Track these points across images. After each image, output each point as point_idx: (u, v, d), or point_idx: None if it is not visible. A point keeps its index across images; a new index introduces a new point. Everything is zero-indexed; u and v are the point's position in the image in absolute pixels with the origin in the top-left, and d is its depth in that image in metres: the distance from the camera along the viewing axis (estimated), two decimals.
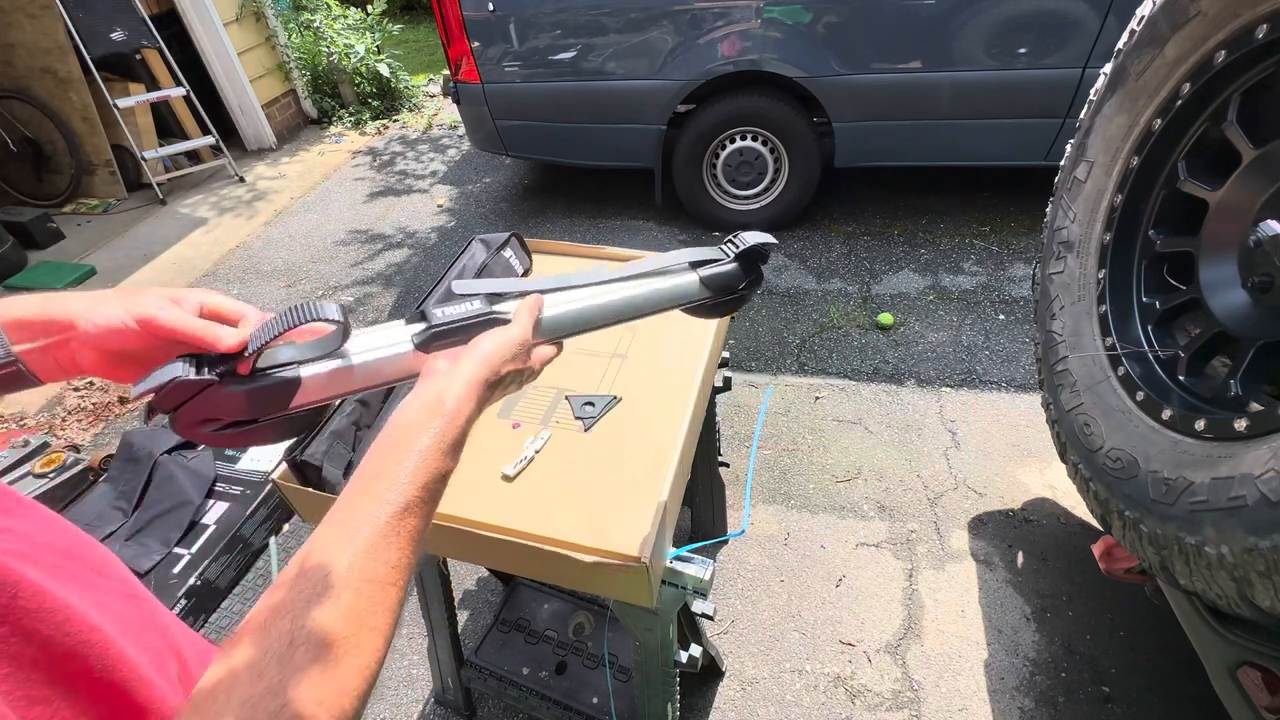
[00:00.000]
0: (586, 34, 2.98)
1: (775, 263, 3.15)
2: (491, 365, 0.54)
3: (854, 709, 1.57)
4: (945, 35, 2.66)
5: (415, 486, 0.46)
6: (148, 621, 0.45)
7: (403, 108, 5.41)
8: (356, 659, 0.39)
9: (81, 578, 0.41)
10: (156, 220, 4.15)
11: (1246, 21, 1.01)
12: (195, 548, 1.93)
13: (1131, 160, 1.28)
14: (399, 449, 0.48)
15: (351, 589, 0.41)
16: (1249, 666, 1.06)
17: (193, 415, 0.49)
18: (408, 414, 0.50)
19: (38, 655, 0.34)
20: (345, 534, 0.43)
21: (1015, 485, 2.04)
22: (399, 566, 0.44)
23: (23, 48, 3.92)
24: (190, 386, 0.47)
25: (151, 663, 0.42)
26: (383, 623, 0.42)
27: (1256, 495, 0.83)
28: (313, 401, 0.54)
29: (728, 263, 0.73)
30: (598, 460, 1.07)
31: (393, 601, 0.43)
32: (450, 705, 1.62)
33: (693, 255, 0.73)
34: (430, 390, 0.52)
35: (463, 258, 1.41)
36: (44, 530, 0.42)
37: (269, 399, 0.51)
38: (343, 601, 0.40)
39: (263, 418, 0.52)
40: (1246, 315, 1.06)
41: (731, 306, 0.76)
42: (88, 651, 0.37)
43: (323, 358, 0.53)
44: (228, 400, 0.49)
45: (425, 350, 0.57)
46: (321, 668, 0.37)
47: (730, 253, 0.74)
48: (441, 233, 3.71)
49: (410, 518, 0.45)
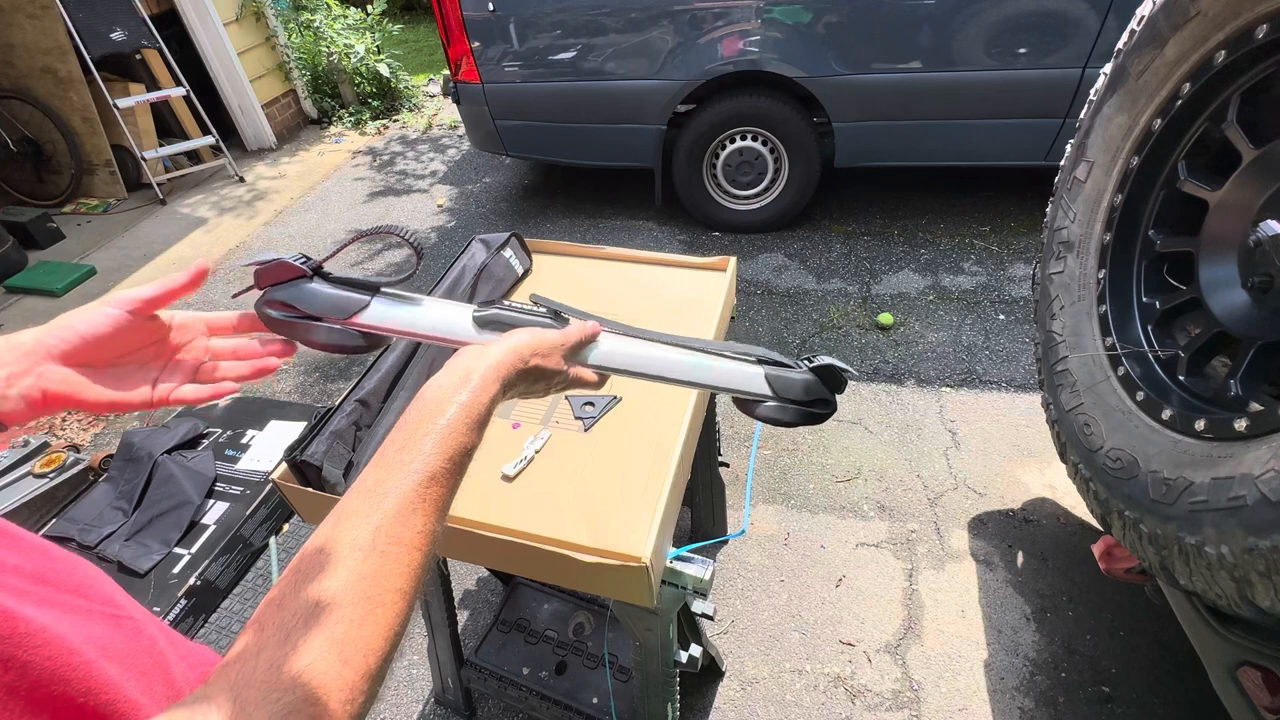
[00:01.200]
0: (586, 34, 2.98)
1: (775, 263, 3.15)
2: (520, 353, 0.56)
3: (854, 709, 1.57)
4: (945, 35, 2.66)
5: (440, 458, 0.47)
6: (131, 639, 0.45)
7: (403, 108, 5.41)
8: (381, 619, 0.40)
9: (56, 601, 0.41)
10: (156, 220, 4.15)
11: (1246, 21, 1.01)
12: (195, 548, 1.93)
13: (1131, 160, 1.28)
14: (425, 421, 0.49)
15: (378, 552, 0.42)
16: (1249, 666, 1.06)
17: (279, 296, 0.56)
18: (434, 389, 0.52)
19: (15, 682, 0.33)
20: (372, 501, 0.44)
21: (1015, 485, 2.04)
22: (424, 532, 0.45)
23: (23, 48, 3.92)
24: (288, 269, 0.56)
25: (137, 683, 0.41)
26: (407, 584, 0.43)
27: (1256, 495, 0.83)
28: (370, 327, 0.59)
29: (800, 372, 0.73)
30: (598, 460, 1.06)
31: (417, 565, 0.44)
32: (450, 705, 1.62)
33: (763, 353, 0.73)
34: (459, 366, 0.54)
35: (463, 258, 1.41)
36: (14, 553, 0.41)
37: (338, 304, 0.58)
38: (368, 564, 0.41)
39: (326, 318, 0.58)
40: (1246, 315, 1.06)
41: (801, 419, 0.73)
42: (69, 675, 0.36)
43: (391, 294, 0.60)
44: (311, 294, 0.57)
45: (480, 327, 0.62)
46: (346, 627, 0.38)
47: (803, 366, 0.74)
48: (441, 233, 3.71)
49: (435, 487, 0.46)
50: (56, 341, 0.49)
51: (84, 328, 0.50)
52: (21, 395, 0.47)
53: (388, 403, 1.17)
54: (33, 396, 0.48)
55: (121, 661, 0.41)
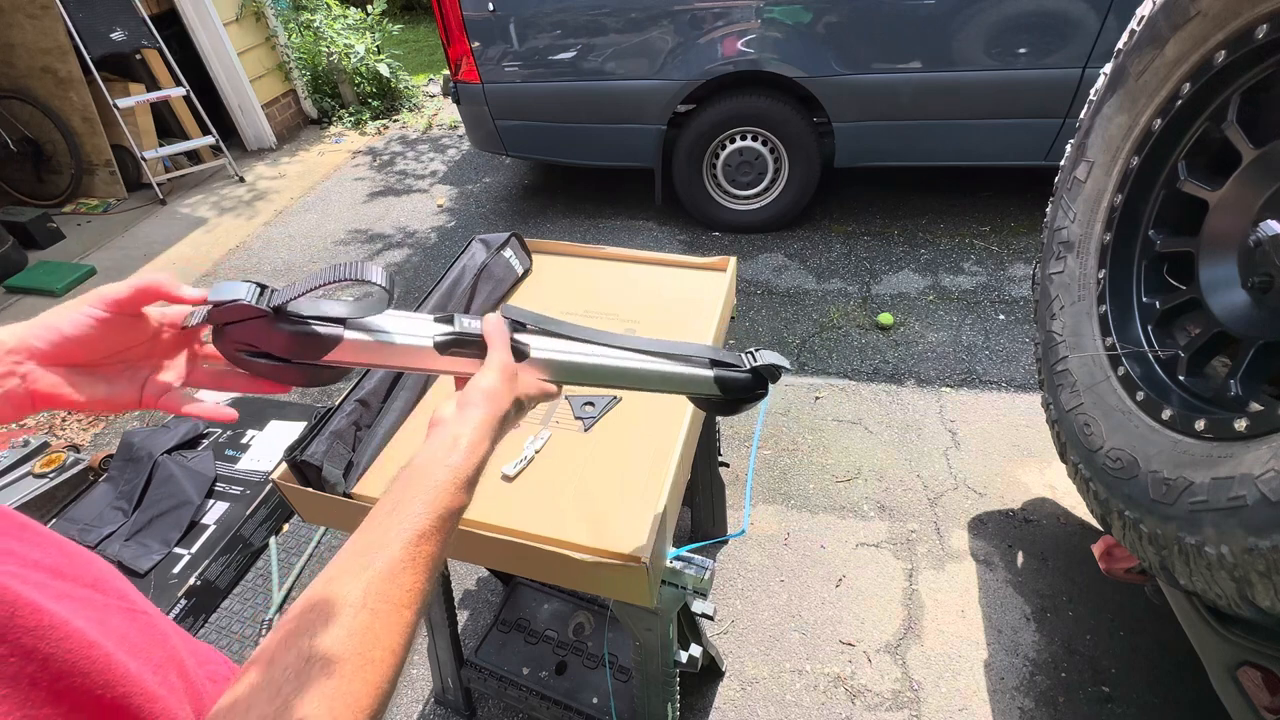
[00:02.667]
0: (586, 34, 2.98)
1: (775, 263, 3.15)
2: (497, 402, 0.57)
3: (854, 709, 1.57)
4: (945, 35, 2.66)
5: (430, 517, 0.48)
6: (146, 634, 0.45)
7: (403, 108, 5.41)
8: (370, 676, 0.40)
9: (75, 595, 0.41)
10: (156, 220, 4.15)
11: (1246, 21, 1.01)
12: (195, 548, 1.93)
13: (1131, 160, 1.28)
14: (414, 484, 0.50)
15: (368, 610, 0.42)
16: (1249, 666, 1.06)
17: (239, 336, 0.52)
18: (423, 457, 0.52)
19: (38, 674, 0.33)
20: (362, 560, 0.45)
21: (1015, 485, 2.04)
22: (414, 590, 0.45)
23: (23, 48, 3.92)
24: (247, 310, 0.51)
25: (154, 675, 0.42)
26: (396, 643, 0.43)
27: (1256, 495, 0.83)
28: (344, 362, 0.57)
29: (743, 371, 0.79)
30: (598, 460, 1.06)
31: (407, 624, 0.44)
32: (450, 705, 1.62)
33: (715, 354, 0.79)
34: (447, 433, 0.54)
35: (463, 258, 1.41)
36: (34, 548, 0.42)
37: (308, 345, 0.54)
38: (359, 622, 0.41)
39: (295, 360, 0.55)
40: (1246, 315, 1.06)
41: (731, 409, 0.84)
42: (89, 668, 0.36)
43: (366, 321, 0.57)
44: (273, 335, 0.53)
45: (442, 352, 0.60)
46: (335, 683, 0.38)
47: (748, 363, 0.80)
48: (441, 233, 3.71)
49: (426, 544, 0.47)
50: (41, 342, 0.48)
51: (68, 328, 0.49)
52: (5, 395, 0.47)
53: (388, 402, 1.17)
54: (18, 397, 0.47)
55: (139, 655, 0.42)
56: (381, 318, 0.58)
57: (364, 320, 0.57)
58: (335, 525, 1.10)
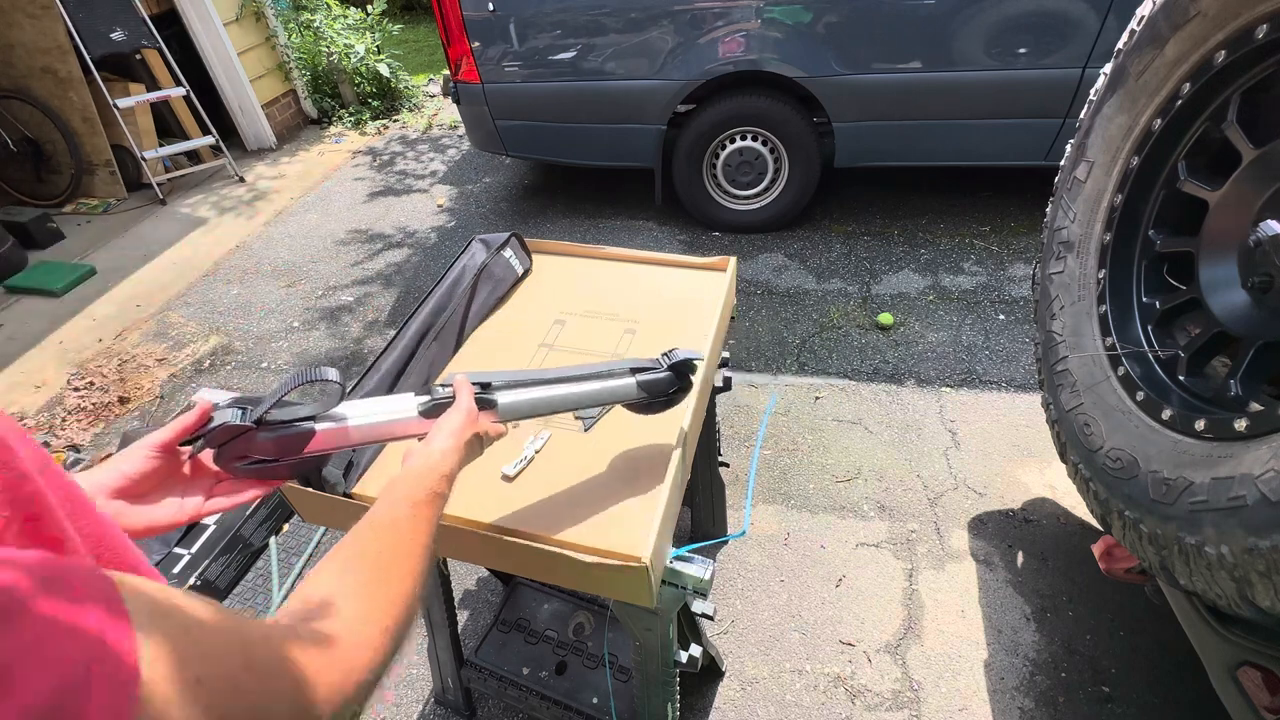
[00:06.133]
0: (586, 34, 2.98)
1: (775, 263, 3.15)
2: (456, 434, 0.70)
3: (854, 709, 1.57)
4: (945, 35, 2.66)
5: (423, 492, 0.62)
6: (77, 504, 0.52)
7: (403, 108, 5.41)
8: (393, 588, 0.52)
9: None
10: (157, 220, 4.15)
11: (1246, 21, 1.01)
12: (195, 548, 1.93)
13: (1131, 160, 1.28)
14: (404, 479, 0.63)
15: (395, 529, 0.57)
16: (1249, 666, 1.06)
17: (232, 452, 0.65)
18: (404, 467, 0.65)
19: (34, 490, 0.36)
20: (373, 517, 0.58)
21: (1015, 485, 2.04)
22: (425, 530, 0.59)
23: (23, 48, 3.92)
24: (233, 430, 0.63)
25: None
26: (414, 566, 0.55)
27: (1256, 495, 0.83)
28: (322, 449, 0.69)
29: (661, 371, 0.92)
30: (598, 460, 1.06)
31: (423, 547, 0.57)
32: (450, 705, 1.62)
33: (634, 363, 0.92)
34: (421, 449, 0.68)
35: (463, 258, 1.41)
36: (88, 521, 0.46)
37: (289, 444, 0.66)
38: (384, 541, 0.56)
39: (282, 459, 0.67)
40: (1246, 315, 1.06)
41: (662, 406, 0.97)
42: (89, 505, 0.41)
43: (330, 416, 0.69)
44: (259, 443, 0.65)
45: (429, 416, 0.73)
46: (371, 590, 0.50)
47: (664, 363, 0.92)
48: (441, 233, 3.71)
49: (424, 509, 0.60)
50: (109, 481, 0.60)
51: (128, 467, 0.61)
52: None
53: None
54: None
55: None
56: (344, 406, 0.70)
57: (330, 412, 0.69)
58: (335, 525, 1.10)
